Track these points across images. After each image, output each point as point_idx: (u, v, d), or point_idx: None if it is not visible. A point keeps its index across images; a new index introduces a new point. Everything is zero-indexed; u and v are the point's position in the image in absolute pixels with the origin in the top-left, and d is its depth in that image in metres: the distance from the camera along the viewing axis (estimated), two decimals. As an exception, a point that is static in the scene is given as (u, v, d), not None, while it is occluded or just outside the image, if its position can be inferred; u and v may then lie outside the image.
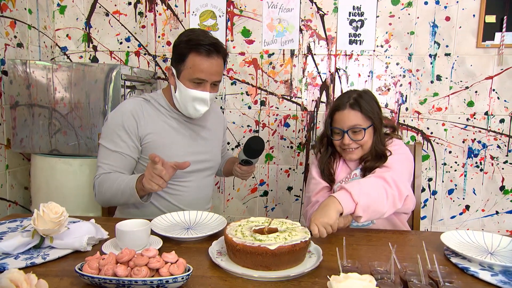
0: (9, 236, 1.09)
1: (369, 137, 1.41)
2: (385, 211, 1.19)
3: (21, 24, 2.07)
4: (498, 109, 2.21)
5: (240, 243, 0.93)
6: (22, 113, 1.89)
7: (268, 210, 2.41)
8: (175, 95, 1.40)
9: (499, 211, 2.27)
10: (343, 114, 1.41)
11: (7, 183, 2.00)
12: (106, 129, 1.39)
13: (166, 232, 1.14)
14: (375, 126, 1.41)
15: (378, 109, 1.44)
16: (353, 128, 1.39)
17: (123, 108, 1.40)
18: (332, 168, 1.49)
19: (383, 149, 1.41)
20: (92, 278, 0.82)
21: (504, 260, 0.99)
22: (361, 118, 1.39)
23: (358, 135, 1.39)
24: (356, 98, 1.41)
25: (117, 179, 1.32)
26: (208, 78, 1.34)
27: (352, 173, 1.45)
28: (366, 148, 1.42)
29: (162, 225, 1.22)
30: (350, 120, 1.39)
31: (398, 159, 1.38)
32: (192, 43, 1.31)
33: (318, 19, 2.25)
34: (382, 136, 1.44)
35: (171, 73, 1.39)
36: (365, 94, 1.44)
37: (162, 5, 2.31)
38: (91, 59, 2.39)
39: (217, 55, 1.34)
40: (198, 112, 1.40)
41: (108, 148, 1.36)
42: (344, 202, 1.11)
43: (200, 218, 1.29)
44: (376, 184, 1.22)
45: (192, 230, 1.21)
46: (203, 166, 1.51)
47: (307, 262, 0.98)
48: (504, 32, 2.12)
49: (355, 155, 1.43)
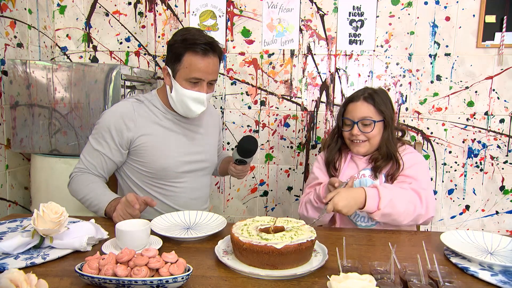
0: (9, 236, 1.09)
1: (378, 132, 1.41)
2: (403, 223, 1.23)
3: (21, 24, 2.07)
4: (498, 109, 2.21)
5: (246, 242, 0.93)
6: (22, 113, 1.89)
7: (268, 210, 2.41)
8: (171, 95, 1.39)
9: (499, 211, 2.27)
10: (355, 105, 1.43)
11: (7, 183, 2.00)
12: (96, 126, 1.41)
13: (166, 232, 1.14)
14: (386, 122, 1.42)
15: (391, 108, 1.46)
16: (363, 119, 1.40)
17: (114, 110, 1.40)
18: (339, 161, 1.50)
19: (394, 150, 1.41)
20: (92, 278, 0.82)
21: (504, 260, 0.99)
22: (373, 111, 1.40)
23: (367, 128, 1.40)
24: (371, 93, 1.43)
25: (91, 189, 1.33)
26: (204, 77, 1.34)
27: (360, 173, 1.44)
28: (374, 143, 1.42)
29: (162, 225, 1.22)
30: (362, 111, 1.41)
31: (424, 172, 1.39)
32: (188, 42, 1.31)
33: (318, 19, 2.25)
34: (393, 136, 1.44)
35: (167, 73, 1.38)
36: (381, 92, 1.46)
37: (162, 5, 2.31)
38: (91, 59, 2.39)
39: (213, 54, 1.34)
40: (194, 113, 1.39)
41: (92, 146, 1.39)
42: (369, 203, 1.17)
43: (200, 218, 1.30)
44: (409, 199, 1.25)
45: (192, 230, 1.21)
46: (199, 166, 1.51)
47: (313, 261, 0.99)
48: (504, 32, 2.12)
49: (362, 148, 1.43)
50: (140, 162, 1.41)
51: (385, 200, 1.18)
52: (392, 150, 1.41)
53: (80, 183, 1.37)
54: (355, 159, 1.49)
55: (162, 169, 1.41)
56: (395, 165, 1.40)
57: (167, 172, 1.42)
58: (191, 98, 1.36)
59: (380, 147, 1.42)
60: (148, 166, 1.40)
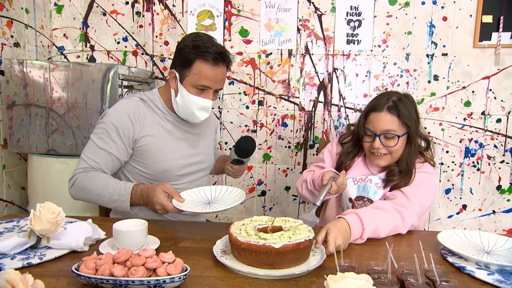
0: (6, 236, 1.08)
1: (401, 146, 1.33)
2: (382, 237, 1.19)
3: (17, 24, 2.06)
4: (494, 109, 2.22)
5: (245, 242, 0.93)
6: (19, 113, 1.88)
7: (266, 210, 2.41)
8: (175, 99, 1.38)
9: (496, 211, 2.28)
10: (379, 116, 1.32)
11: (4, 183, 2.00)
12: (99, 125, 1.37)
13: (191, 208, 1.17)
14: (410, 135, 1.33)
15: (416, 118, 1.35)
16: (386, 133, 1.31)
17: (120, 109, 1.38)
18: (350, 160, 1.45)
19: (413, 166, 1.33)
20: (89, 278, 0.82)
21: (501, 259, 0.99)
22: (397, 123, 1.31)
23: (390, 141, 1.31)
24: (396, 102, 1.32)
25: (106, 179, 1.30)
26: (212, 85, 1.34)
27: (368, 178, 1.40)
28: (396, 156, 1.35)
29: (184, 203, 1.22)
30: (385, 124, 1.31)
31: (422, 197, 1.30)
32: (200, 50, 1.30)
33: (316, 19, 2.25)
34: (416, 149, 1.36)
35: (173, 76, 1.37)
36: (406, 99, 1.34)
37: (160, 5, 2.31)
38: (89, 59, 2.38)
39: (223, 64, 1.34)
40: (198, 119, 1.39)
41: (97, 145, 1.35)
42: (354, 232, 1.11)
43: (217, 193, 1.31)
44: (392, 221, 1.19)
45: (213, 204, 1.22)
46: (198, 168, 1.51)
47: (311, 260, 0.99)
48: (500, 32, 2.13)
49: (383, 161, 1.35)
50: (141, 163, 1.40)
51: (368, 230, 1.13)
52: (411, 166, 1.33)
53: (89, 181, 1.31)
54: (368, 162, 1.43)
55: (162, 171, 1.41)
56: (406, 180, 1.33)
57: (167, 175, 1.42)
58: (197, 105, 1.35)
59: (400, 161, 1.35)
60: (149, 168, 1.40)
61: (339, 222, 1.11)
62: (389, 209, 1.22)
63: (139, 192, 1.27)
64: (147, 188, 1.26)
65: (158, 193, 1.21)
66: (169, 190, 1.22)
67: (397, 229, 1.21)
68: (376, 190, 1.38)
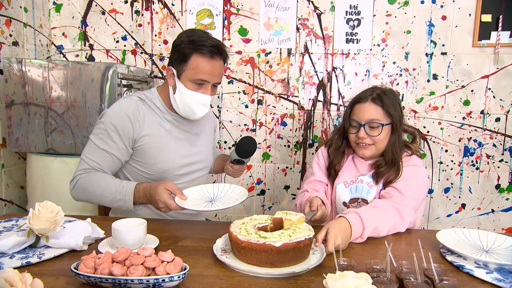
0: (4, 235, 1.08)
1: (385, 136, 1.36)
2: (381, 236, 1.20)
3: (16, 23, 2.05)
4: (494, 108, 2.22)
5: (245, 241, 0.94)
6: (17, 112, 1.88)
7: (265, 209, 2.41)
8: (173, 96, 1.37)
9: (495, 209, 2.29)
10: (363, 107, 1.37)
11: (3, 182, 1.99)
12: (99, 126, 1.36)
13: (194, 206, 1.17)
14: (394, 126, 1.37)
15: (400, 110, 1.39)
16: (371, 122, 1.34)
17: (119, 109, 1.36)
18: (339, 163, 1.46)
19: (399, 157, 1.36)
20: (88, 277, 0.82)
21: (499, 258, 0.99)
22: (381, 113, 1.35)
23: (374, 131, 1.35)
24: (380, 94, 1.37)
25: (108, 179, 1.31)
26: (210, 79, 1.33)
27: (359, 178, 1.41)
28: (380, 147, 1.38)
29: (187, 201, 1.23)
30: (369, 113, 1.35)
31: (415, 190, 1.32)
32: (196, 44, 1.30)
33: (315, 18, 2.25)
34: (400, 140, 1.39)
35: (171, 73, 1.36)
36: (390, 93, 1.40)
37: (159, 4, 2.31)
38: (88, 58, 2.38)
39: (219, 57, 1.34)
40: (197, 115, 1.38)
41: (97, 145, 1.34)
42: (355, 231, 1.11)
43: (219, 190, 1.31)
44: (391, 220, 1.20)
45: (215, 202, 1.23)
46: (197, 167, 1.50)
47: (311, 258, 0.99)
48: (500, 31, 2.13)
49: (368, 151, 1.38)
50: (141, 163, 1.39)
51: (368, 229, 1.13)
52: (397, 156, 1.36)
53: (91, 182, 1.31)
54: (356, 163, 1.45)
55: (162, 171, 1.40)
56: (395, 173, 1.35)
57: (166, 174, 1.41)
58: (196, 100, 1.34)
59: (386, 152, 1.37)
60: (149, 167, 1.39)
61: (339, 221, 1.12)
62: (387, 207, 1.23)
63: (142, 190, 1.27)
64: (149, 186, 1.26)
65: (161, 191, 1.21)
66: (172, 188, 1.22)
67: (396, 228, 1.22)
68: (368, 190, 1.39)
